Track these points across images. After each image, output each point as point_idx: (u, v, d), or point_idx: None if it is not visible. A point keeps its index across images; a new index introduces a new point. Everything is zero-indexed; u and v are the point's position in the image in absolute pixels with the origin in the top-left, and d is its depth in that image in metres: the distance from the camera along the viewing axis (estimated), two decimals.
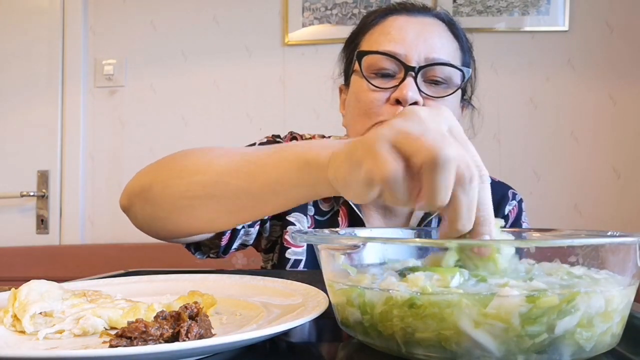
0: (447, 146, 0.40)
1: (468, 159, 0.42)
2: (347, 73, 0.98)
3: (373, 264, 0.47)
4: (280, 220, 0.97)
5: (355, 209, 0.94)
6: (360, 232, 0.62)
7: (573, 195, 2.07)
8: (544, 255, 0.44)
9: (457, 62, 0.91)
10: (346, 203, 0.95)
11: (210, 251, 0.91)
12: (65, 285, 0.58)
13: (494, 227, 0.44)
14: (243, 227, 0.90)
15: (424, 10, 0.93)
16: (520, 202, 1.02)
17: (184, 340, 0.40)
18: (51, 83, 2.25)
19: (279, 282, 0.62)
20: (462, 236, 0.43)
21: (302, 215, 0.96)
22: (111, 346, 0.39)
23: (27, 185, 2.23)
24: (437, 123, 0.44)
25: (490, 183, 1.05)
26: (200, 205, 0.64)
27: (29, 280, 0.52)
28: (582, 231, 0.52)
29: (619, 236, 0.43)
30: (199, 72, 2.21)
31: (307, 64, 2.15)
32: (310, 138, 1.02)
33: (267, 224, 0.97)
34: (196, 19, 2.22)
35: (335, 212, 0.97)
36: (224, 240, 0.88)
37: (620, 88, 2.08)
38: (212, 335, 0.43)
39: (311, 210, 0.97)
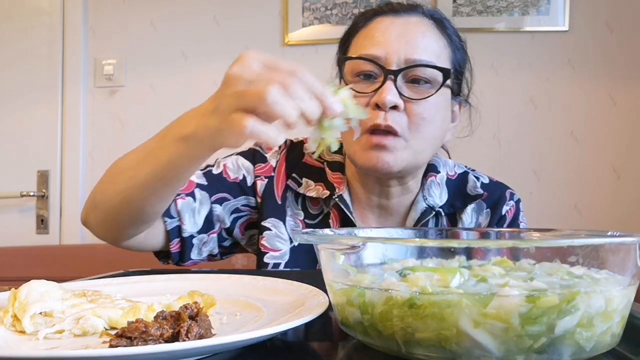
0: (270, 88, 0.54)
1: (279, 76, 0.56)
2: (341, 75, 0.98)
3: (373, 264, 0.47)
4: (256, 227, 0.96)
5: (347, 211, 0.92)
6: (361, 232, 0.62)
7: (573, 195, 2.07)
8: (544, 255, 0.44)
9: (443, 59, 0.89)
10: (337, 206, 0.93)
11: (168, 259, 0.93)
12: (65, 285, 0.58)
13: (330, 94, 0.58)
14: (192, 235, 0.89)
15: (410, 9, 0.92)
16: (518, 202, 1.01)
17: (184, 340, 0.40)
18: (51, 83, 2.25)
19: (279, 282, 0.62)
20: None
21: (278, 220, 0.95)
22: (111, 346, 0.39)
23: (27, 185, 2.23)
24: (255, 71, 0.57)
25: (487, 183, 1.06)
26: (126, 199, 0.75)
27: (29, 280, 0.52)
28: (582, 231, 0.52)
29: (619, 236, 0.43)
30: (199, 72, 2.21)
31: (307, 64, 2.13)
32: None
33: (235, 231, 0.95)
34: (196, 19, 2.22)
35: (325, 215, 0.95)
36: (173, 247, 0.89)
37: (620, 88, 2.08)
38: (212, 335, 0.43)
39: (300, 215, 0.96)
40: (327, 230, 0.57)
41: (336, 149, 0.61)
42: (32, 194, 2.22)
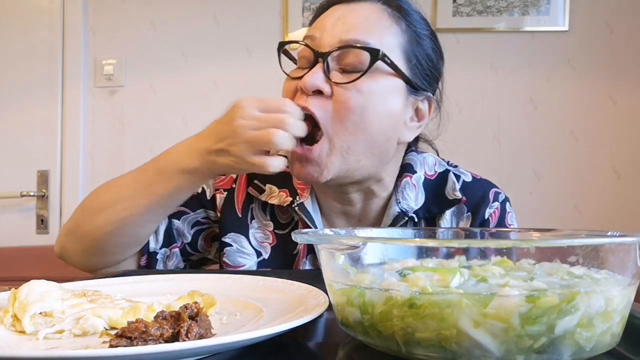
0: (275, 133, 0.71)
1: (276, 118, 0.71)
2: None
3: (373, 264, 0.47)
4: (216, 241, 0.94)
5: (307, 220, 0.87)
6: (361, 232, 0.62)
7: (573, 195, 2.07)
8: (544, 255, 0.44)
9: (391, 47, 0.80)
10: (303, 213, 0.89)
11: None
12: (65, 285, 0.58)
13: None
14: (156, 251, 0.90)
15: None
16: (504, 202, 0.91)
17: (184, 340, 0.40)
18: (51, 83, 2.25)
19: (279, 282, 0.62)
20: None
21: (239, 235, 0.91)
22: (111, 346, 0.39)
23: (27, 185, 2.23)
24: (255, 117, 0.72)
25: (470, 182, 0.96)
26: (121, 227, 0.81)
27: (29, 280, 0.52)
28: (582, 231, 0.52)
29: (619, 236, 0.43)
30: (199, 72, 2.21)
31: None
32: None
33: (200, 244, 0.93)
34: (196, 19, 2.22)
35: (296, 224, 0.91)
36: (142, 262, 0.90)
37: (620, 88, 2.08)
38: (212, 335, 0.43)
39: (270, 225, 0.91)
40: (327, 230, 0.57)
41: None
42: (32, 194, 2.22)
